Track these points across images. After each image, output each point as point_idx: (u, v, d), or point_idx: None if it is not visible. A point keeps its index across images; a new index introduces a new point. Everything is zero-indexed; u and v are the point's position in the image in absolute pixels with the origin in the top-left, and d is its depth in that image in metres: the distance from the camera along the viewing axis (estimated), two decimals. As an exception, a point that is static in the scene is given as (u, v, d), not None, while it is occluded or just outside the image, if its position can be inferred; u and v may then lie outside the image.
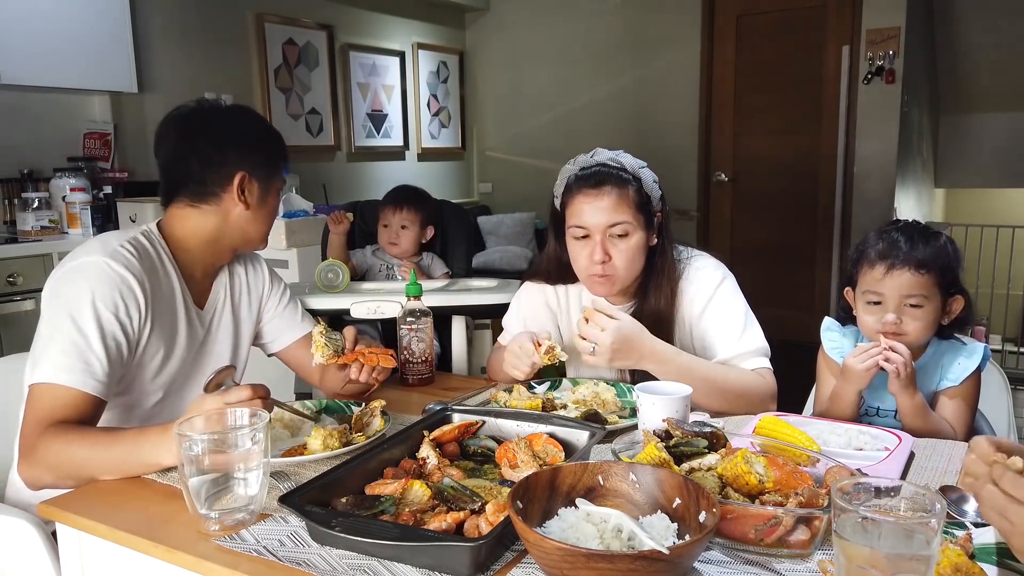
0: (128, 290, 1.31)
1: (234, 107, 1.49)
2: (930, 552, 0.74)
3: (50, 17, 3.31)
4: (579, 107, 5.55)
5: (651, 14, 5.19)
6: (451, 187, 5.95)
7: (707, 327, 1.54)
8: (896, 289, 1.37)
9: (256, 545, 0.96)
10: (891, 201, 4.48)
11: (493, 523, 0.92)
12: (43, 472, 1.20)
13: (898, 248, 1.38)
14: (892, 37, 4.34)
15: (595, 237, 1.49)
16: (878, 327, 1.39)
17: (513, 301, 1.78)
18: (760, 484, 0.97)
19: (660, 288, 1.55)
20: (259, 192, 1.44)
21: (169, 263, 1.42)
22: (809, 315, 4.49)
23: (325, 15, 4.84)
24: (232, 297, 1.55)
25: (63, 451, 1.18)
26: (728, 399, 1.44)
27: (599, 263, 1.49)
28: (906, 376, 1.33)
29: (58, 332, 1.25)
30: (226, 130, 1.42)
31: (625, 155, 1.54)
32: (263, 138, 1.48)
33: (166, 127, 1.43)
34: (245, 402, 1.14)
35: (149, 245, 1.40)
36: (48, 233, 3.27)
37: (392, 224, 2.64)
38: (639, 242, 1.51)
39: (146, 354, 1.37)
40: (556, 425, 1.24)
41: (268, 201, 1.47)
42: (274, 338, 1.64)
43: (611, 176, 1.50)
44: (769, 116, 4.91)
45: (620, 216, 1.48)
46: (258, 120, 1.51)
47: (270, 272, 1.65)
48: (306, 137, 4.77)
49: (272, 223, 1.52)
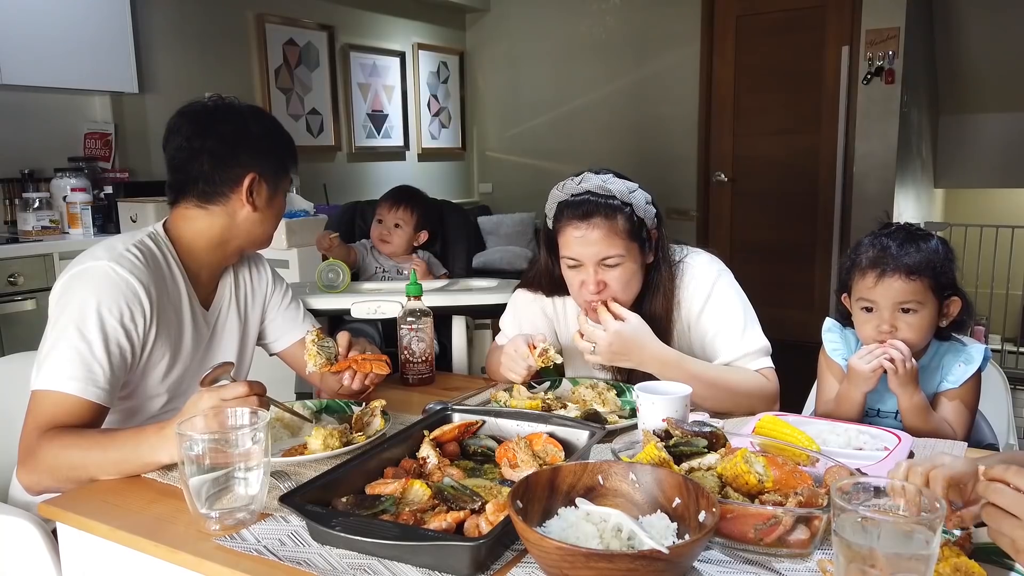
0: (133, 296, 1.30)
1: (248, 108, 1.47)
2: (930, 552, 0.74)
3: (51, 17, 3.31)
4: (579, 107, 5.55)
5: (651, 14, 5.19)
6: (451, 187, 5.95)
7: (707, 328, 1.53)
8: (888, 297, 1.37)
9: (256, 545, 0.96)
10: (890, 201, 4.48)
11: (493, 523, 0.92)
12: (42, 476, 1.19)
13: (888, 255, 1.37)
14: (892, 37, 4.34)
15: (588, 268, 1.47)
16: (874, 334, 1.39)
17: (509, 306, 1.77)
18: (760, 484, 0.97)
19: (656, 297, 1.54)
20: (267, 194, 1.43)
21: (175, 265, 1.42)
22: (809, 315, 4.49)
23: (325, 15, 4.84)
24: (237, 298, 1.55)
25: (61, 454, 1.18)
26: (733, 402, 1.45)
27: (595, 292, 1.47)
28: (905, 373, 1.33)
29: (62, 338, 1.25)
30: (240, 130, 1.41)
31: (614, 180, 1.47)
32: (276, 141, 1.47)
33: (179, 122, 1.41)
34: (241, 399, 1.14)
35: (155, 247, 1.39)
36: (49, 233, 3.27)
37: (386, 220, 2.64)
38: (633, 268, 1.49)
39: (152, 358, 1.37)
40: (556, 425, 1.24)
41: (275, 203, 1.47)
42: (276, 338, 1.64)
43: (599, 207, 1.44)
44: (769, 116, 4.90)
45: (611, 249, 1.45)
46: (271, 122, 1.49)
47: (273, 272, 1.65)
48: (306, 137, 4.77)
49: (278, 224, 1.51)
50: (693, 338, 1.56)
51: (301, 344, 1.62)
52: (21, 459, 1.22)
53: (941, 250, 1.39)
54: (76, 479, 1.18)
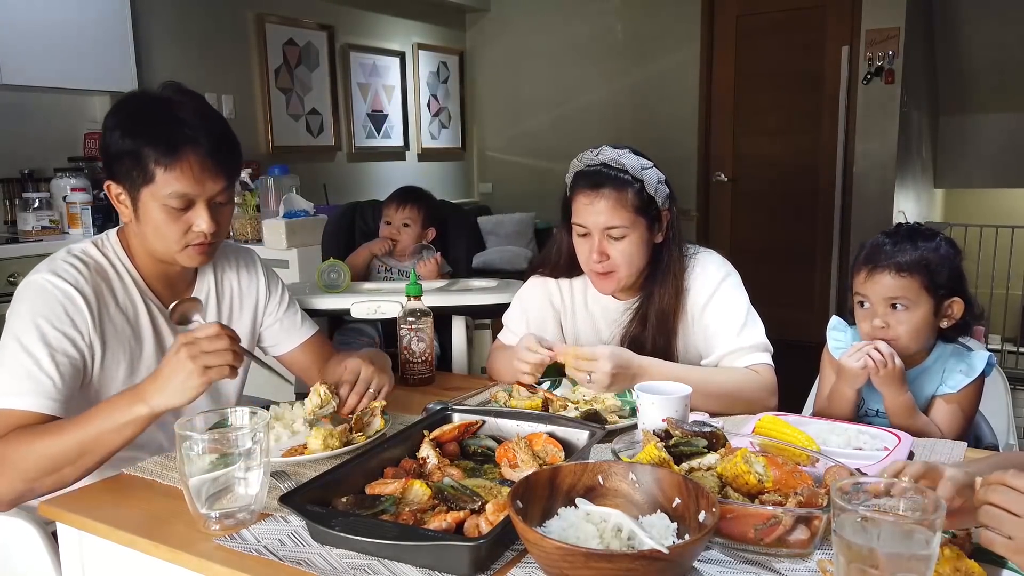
0: (71, 303, 1.26)
1: (121, 101, 1.31)
2: (929, 552, 0.74)
3: (50, 17, 3.31)
4: (579, 107, 5.55)
5: (651, 14, 5.19)
6: (451, 187, 5.95)
7: (708, 322, 1.56)
8: (877, 292, 1.39)
9: (256, 545, 0.96)
10: (891, 201, 4.48)
11: (493, 523, 0.92)
12: (15, 481, 1.14)
13: (882, 251, 1.40)
14: (892, 37, 4.34)
15: (594, 236, 1.51)
16: (869, 330, 1.41)
17: (514, 301, 1.78)
18: (760, 484, 0.97)
19: (665, 284, 1.56)
20: (131, 201, 1.29)
21: (125, 270, 1.36)
22: (809, 315, 4.49)
23: (325, 15, 4.84)
24: (220, 302, 1.49)
25: (30, 450, 1.13)
26: (723, 401, 1.45)
27: (597, 262, 1.51)
28: (887, 373, 1.34)
29: (6, 354, 1.22)
30: (104, 135, 1.29)
31: (629, 155, 1.53)
32: (129, 136, 1.26)
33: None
34: (213, 338, 1.12)
35: (100, 255, 1.35)
36: (49, 233, 3.27)
37: (394, 221, 2.65)
38: (637, 242, 1.52)
39: (106, 365, 1.31)
40: (556, 425, 1.24)
41: (148, 210, 1.28)
42: (275, 344, 1.60)
43: (610, 179, 1.50)
44: (769, 116, 4.90)
45: (616, 220, 1.49)
46: (130, 114, 1.28)
47: (267, 275, 1.58)
48: (306, 137, 4.78)
49: (182, 234, 1.30)
50: (696, 331, 1.58)
51: (301, 349, 1.61)
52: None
53: (943, 250, 1.39)
54: (51, 471, 1.13)
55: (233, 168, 1.34)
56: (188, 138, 1.24)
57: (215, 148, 1.27)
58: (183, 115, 1.26)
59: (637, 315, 1.60)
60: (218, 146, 1.28)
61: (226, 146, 1.31)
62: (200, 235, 1.30)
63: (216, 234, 1.32)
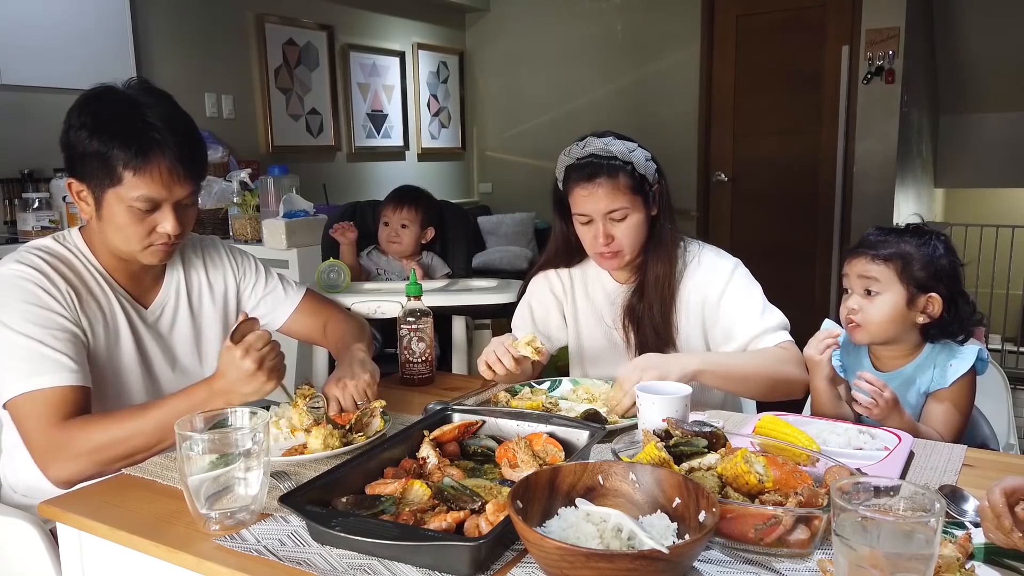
0: (49, 283, 1.27)
1: (82, 98, 1.29)
2: (930, 552, 0.74)
3: (50, 17, 3.31)
4: (579, 107, 5.55)
5: (651, 14, 5.19)
6: (451, 187, 5.95)
7: (727, 310, 1.61)
8: (853, 272, 1.44)
9: (256, 545, 0.96)
10: (891, 201, 4.48)
11: (493, 523, 0.92)
12: (84, 465, 1.19)
13: (868, 239, 1.45)
14: (892, 37, 4.34)
15: (597, 222, 1.56)
16: (843, 313, 1.46)
17: (522, 301, 1.81)
18: (760, 484, 0.97)
19: (660, 257, 1.62)
20: (94, 199, 1.29)
21: (90, 265, 1.37)
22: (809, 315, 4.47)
23: (325, 15, 4.84)
24: (190, 296, 1.49)
25: (102, 436, 1.19)
26: (766, 385, 1.51)
27: (604, 244, 1.57)
28: (880, 412, 1.31)
29: (3, 345, 1.22)
30: (64, 130, 1.29)
31: (614, 141, 1.59)
32: (95, 136, 1.25)
33: None
34: (270, 344, 1.20)
35: (63, 249, 1.36)
36: (49, 233, 3.24)
37: (392, 222, 2.65)
38: (639, 219, 1.58)
39: (95, 350, 1.33)
40: (556, 425, 1.24)
41: (110, 208, 1.28)
42: (269, 320, 1.60)
43: (602, 168, 1.55)
44: (769, 116, 4.90)
45: (616, 203, 1.55)
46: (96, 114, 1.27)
47: (233, 260, 1.57)
48: (306, 137, 4.77)
49: (144, 234, 1.30)
50: (712, 323, 1.63)
51: (296, 316, 1.63)
52: (47, 459, 1.20)
53: (931, 247, 1.40)
54: (117, 458, 1.19)
55: (200, 172, 1.34)
56: (158, 143, 1.24)
57: (184, 154, 1.27)
58: (152, 119, 1.25)
59: (634, 290, 1.67)
60: (186, 151, 1.28)
61: (194, 151, 1.31)
62: (164, 236, 1.31)
63: (180, 235, 1.33)
